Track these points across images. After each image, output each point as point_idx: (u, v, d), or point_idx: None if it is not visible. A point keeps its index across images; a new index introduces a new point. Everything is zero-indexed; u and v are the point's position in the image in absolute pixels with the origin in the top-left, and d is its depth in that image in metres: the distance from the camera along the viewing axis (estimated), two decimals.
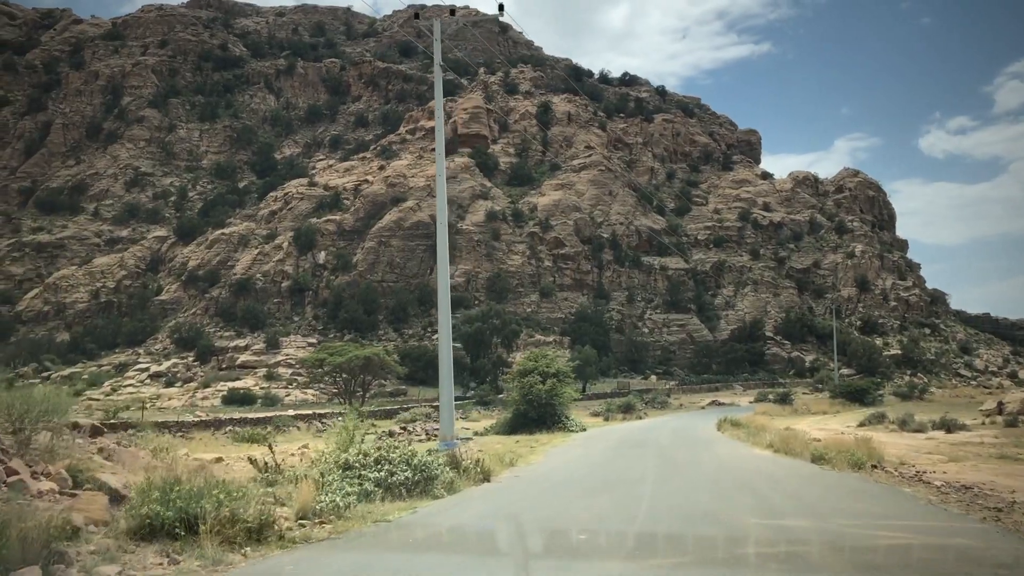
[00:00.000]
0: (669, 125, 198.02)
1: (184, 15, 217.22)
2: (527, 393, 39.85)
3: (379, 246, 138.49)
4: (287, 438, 36.32)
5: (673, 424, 48.26)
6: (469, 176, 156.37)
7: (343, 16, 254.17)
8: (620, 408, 55.13)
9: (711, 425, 44.00)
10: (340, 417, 48.07)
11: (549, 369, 41.06)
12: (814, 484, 19.46)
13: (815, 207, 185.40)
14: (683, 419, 54.68)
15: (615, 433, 38.84)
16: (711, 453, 27.26)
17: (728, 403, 77.32)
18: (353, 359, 57.80)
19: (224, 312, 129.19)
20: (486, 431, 39.35)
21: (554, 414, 40.06)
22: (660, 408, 70.21)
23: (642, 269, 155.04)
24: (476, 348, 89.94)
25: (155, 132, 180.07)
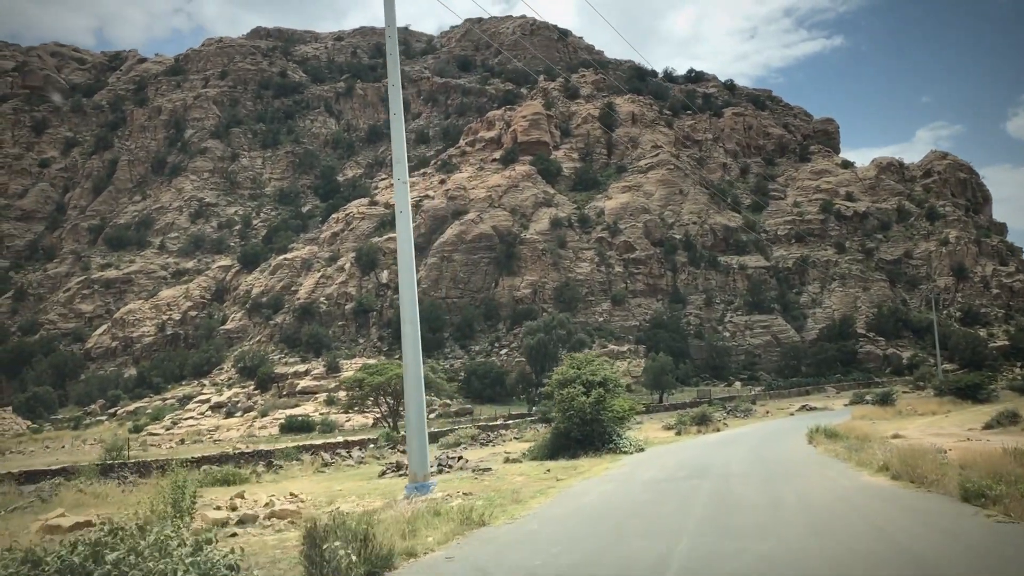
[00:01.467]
0: (740, 119, 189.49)
1: (243, 45, 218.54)
2: (567, 408, 33.89)
3: (442, 261, 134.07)
4: (278, 476, 31.19)
5: (754, 437, 41.43)
6: (531, 184, 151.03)
7: (401, 36, 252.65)
8: (694, 419, 48.55)
9: (800, 436, 37.27)
10: (372, 444, 42.82)
11: (594, 377, 34.91)
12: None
13: (902, 194, 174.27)
14: (767, 429, 47.72)
15: (677, 454, 32.71)
16: (798, 486, 19.45)
17: (820, 407, 69.64)
18: (393, 378, 52.63)
19: (288, 338, 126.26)
20: (524, 456, 33.47)
21: (602, 432, 33.90)
22: (743, 416, 63.18)
23: (719, 270, 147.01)
24: (540, 361, 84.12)
25: (218, 162, 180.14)
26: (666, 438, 44.38)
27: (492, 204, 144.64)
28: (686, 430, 46.72)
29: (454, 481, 23.64)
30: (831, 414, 58.27)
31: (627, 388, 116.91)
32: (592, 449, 32.89)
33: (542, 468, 27.16)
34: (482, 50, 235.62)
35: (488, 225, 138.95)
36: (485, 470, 26.03)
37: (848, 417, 49.34)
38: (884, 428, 37.57)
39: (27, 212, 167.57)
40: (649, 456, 31.77)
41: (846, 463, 24.08)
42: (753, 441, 38.49)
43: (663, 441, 42.08)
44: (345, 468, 32.83)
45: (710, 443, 38.04)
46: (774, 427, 49.90)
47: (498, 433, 49.86)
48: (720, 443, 37.92)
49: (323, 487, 25.85)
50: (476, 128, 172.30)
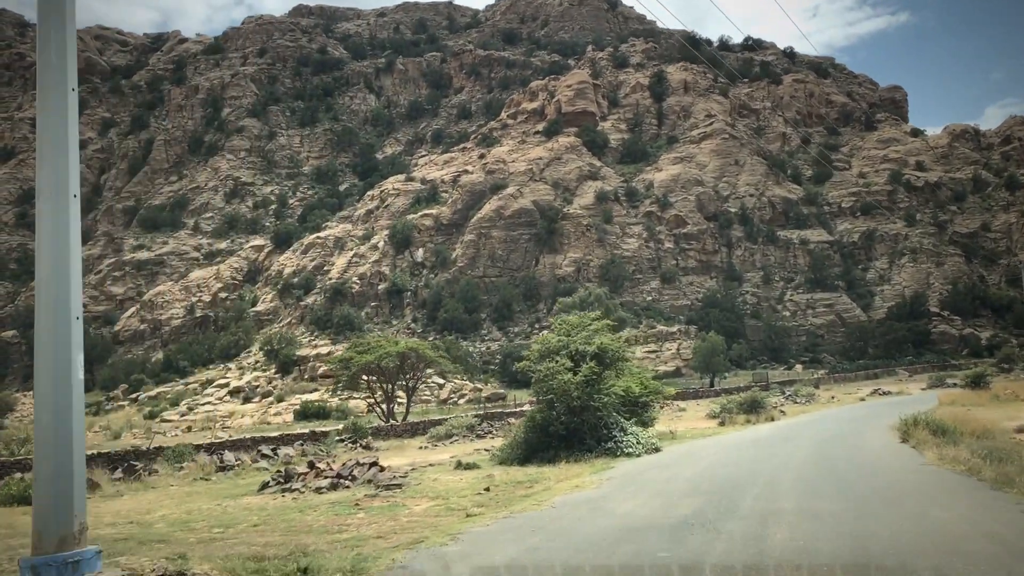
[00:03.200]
0: (801, 86, 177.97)
1: (283, 22, 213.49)
2: (547, 390, 25.93)
3: (479, 239, 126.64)
4: (140, 486, 23.91)
5: (817, 430, 32.82)
6: (576, 156, 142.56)
7: (445, 10, 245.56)
8: (742, 406, 40.21)
9: (883, 429, 28.95)
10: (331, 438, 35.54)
11: (587, 347, 27.00)
12: None
13: (978, 163, 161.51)
14: (834, 419, 39.18)
15: (706, 458, 23.80)
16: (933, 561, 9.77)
17: (895, 392, 60.61)
18: (383, 357, 45.29)
19: (318, 320, 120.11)
20: (493, 457, 25.80)
21: (597, 425, 25.16)
22: (804, 402, 54.59)
23: (778, 245, 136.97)
24: None
25: (255, 141, 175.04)
26: (705, 429, 36.40)
27: (533, 178, 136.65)
28: (732, 419, 38.56)
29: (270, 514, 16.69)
30: (910, 400, 49.44)
31: (676, 372, 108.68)
32: (582, 449, 24.68)
33: (486, 481, 19.35)
34: (528, 22, 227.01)
35: (528, 200, 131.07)
36: (394, 486, 18.45)
37: (935, 403, 40.67)
38: (991, 417, 28.91)
39: None
40: (660, 461, 23.63)
41: (1000, 490, 14.35)
42: (818, 436, 30.07)
43: (700, 434, 34.05)
44: (250, 473, 25.52)
45: (759, 439, 29.64)
46: (843, 415, 41.38)
47: (506, 422, 42.21)
48: (772, 438, 29.51)
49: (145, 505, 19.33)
50: (518, 100, 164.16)
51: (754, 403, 40.56)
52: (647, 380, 32.97)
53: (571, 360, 26.49)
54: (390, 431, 41.04)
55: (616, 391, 26.87)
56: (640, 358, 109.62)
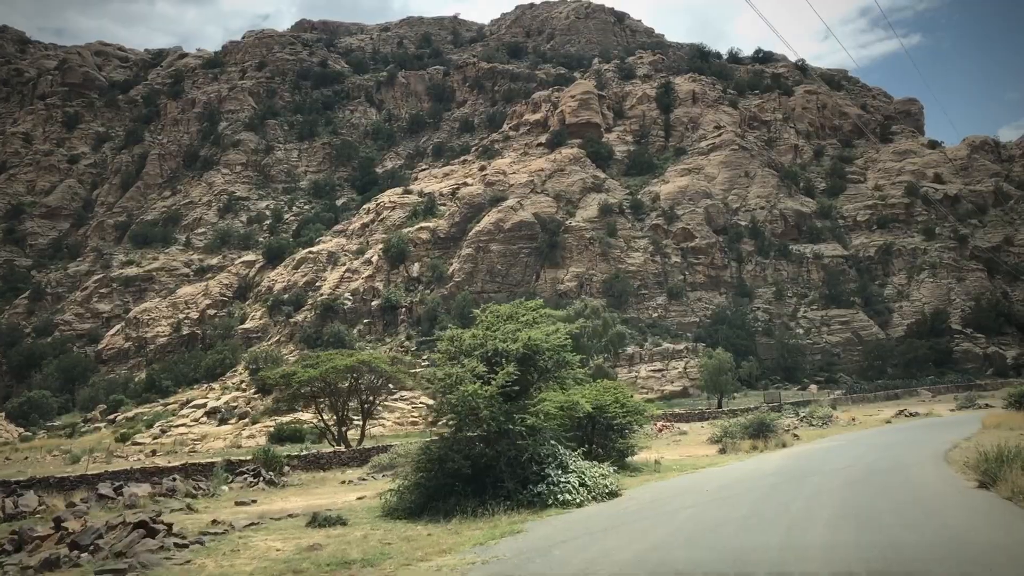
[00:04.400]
0: (813, 97, 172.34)
1: (283, 36, 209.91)
2: (449, 408, 19.28)
3: (477, 252, 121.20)
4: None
5: (843, 461, 26.19)
6: (579, 168, 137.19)
7: (450, 25, 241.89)
8: (747, 430, 34.15)
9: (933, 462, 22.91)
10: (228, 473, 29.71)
11: (510, 346, 20.68)
12: None
13: (999, 175, 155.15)
14: (862, 445, 33.05)
15: (677, 511, 17.04)
16: None
17: (923, 413, 54.48)
18: (330, 371, 39.30)
19: (308, 338, 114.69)
20: (385, 502, 19.25)
21: (518, 460, 18.18)
22: (821, 425, 48.57)
23: (791, 259, 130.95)
24: None
25: (251, 155, 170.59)
26: (701, 458, 30.53)
27: (534, 190, 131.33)
28: (734, 445, 32.62)
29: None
30: (943, 423, 43.51)
31: (683, 392, 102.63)
32: (497, 495, 17.98)
33: (307, 559, 13.49)
34: (534, 36, 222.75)
35: (529, 212, 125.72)
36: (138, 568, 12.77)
37: (977, 426, 34.75)
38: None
39: (52, 209, 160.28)
40: (604, 519, 16.85)
41: None
42: (846, 471, 23.42)
43: (692, 464, 28.11)
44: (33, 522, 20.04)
45: (764, 476, 23.27)
46: (872, 441, 35.34)
47: None
48: (782, 475, 23.26)
49: None
50: (521, 111, 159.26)
51: (761, 426, 34.53)
52: (624, 397, 27.24)
53: (488, 364, 20.29)
54: (333, 459, 35.34)
55: (549, 408, 19.92)
56: (645, 377, 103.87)
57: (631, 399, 27.75)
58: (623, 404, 26.26)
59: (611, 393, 26.91)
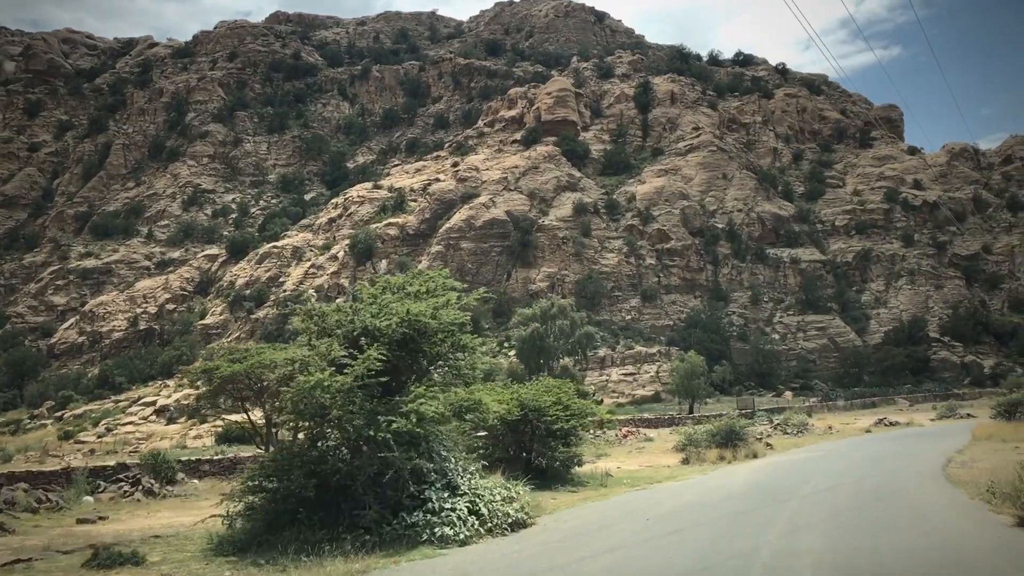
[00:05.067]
0: (793, 101, 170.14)
1: (256, 27, 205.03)
2: (292, 407, 15.07)
3: (447, 250, 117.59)
4: None
5: (823, 477, 22.16)
6: (554, 166, 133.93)
7: (427, 21, 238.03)
8: (714, 438, 30.72)
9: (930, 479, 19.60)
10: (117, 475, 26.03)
11: (383, 323, 15.55)
12: None
13: (978, 182, 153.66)
14: (841, 457, 29.62)
15: (596, 554, 12.81)
16: None
17: (903, 422, 51.54)
18: (257, 365, 35.53)
19: (269, 335, 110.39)
20: (225, 529, 15.02)
21: (382, 478, 13.96)
22: (796, 434, 45.42)
23: (768, 263, 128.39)
24: (536, 358, 66.83)
25: (219, 147, 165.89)
26: (660, 470, 27.06)
27: (508, 187, 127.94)
28: (700, 455, 29.21)
29: None
30: (927, 433, 40.49)
31: (655, 397, 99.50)
32: (354, 527, 13.84)
33: None
34: (512, 33, 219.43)
35: (502, 210, 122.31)
36: None
37: (966, 437, 31.68)
38: None
39: (9, 198, 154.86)
40: (482, 567, 12.48)
41: None
42: (829, 492, 19.58)
43: (648, 478, 24.61)
44: None
45: (727, 497, 19.43)
46: (852, 452, 32.01)
47: None
48: (750, 495, 19.66)
49: None
50: (496, 107, 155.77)
51: (730, 434, 31.12)
52: (568, 397, 23.75)
53: (355, 347, 15.96)
54: (190, 468, 31.56)
55: (427, 410, 14.80)
56: (616, 381, 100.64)
57: (577, 400, 24.25)
58: (566, 406, 22.80)
59: (552, 393, 23.44)
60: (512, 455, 22.79)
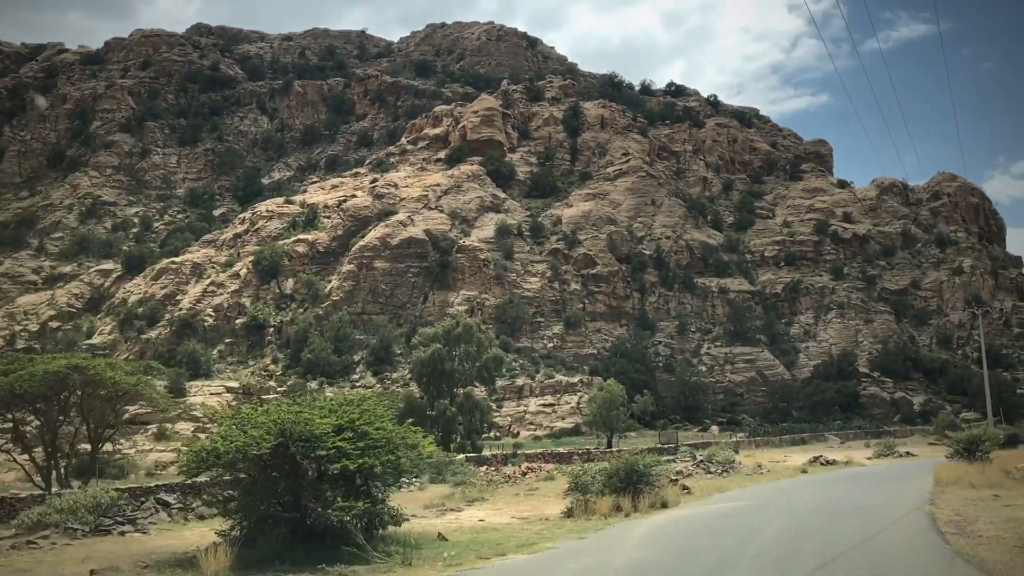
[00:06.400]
0: (724, 131, 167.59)
1: (172, 36, 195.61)
2: None
3: (360, 269, 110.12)
4: None
5: (759, 561, 15.30)
6: (478, 185, 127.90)
7: (357, 39, 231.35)
8: (611, 480, 23.39)
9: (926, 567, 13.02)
10: None
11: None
12: None
13: (907, 217, 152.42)
14: (780, 511, 22.09)
15: None
16: None
17: (841, 460, 45.86)
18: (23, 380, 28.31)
19: (160, 356, 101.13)
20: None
21: None
22: (721, 473, 39.34)
23: (696, 293, 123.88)
24: (437, 383, 59.82)
25: (125, 158, 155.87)
26: (535, 523, 20.34)
27: (428, 205, 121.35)
28: (588, 505, 22.25)
29: None
30: (871, 475, 34.69)
31: (575, 430, 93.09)
32: None
33: None
34: (443, 55, 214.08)
35: (420, 228, 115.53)
36: None
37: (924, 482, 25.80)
38: None
39: None
40: None
41: None
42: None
43: (492, 545, 17.16)
44: None
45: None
46: (793, 503, 24.72)
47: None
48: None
49: None
50: (420, 125, 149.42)
51: (631, 475, 24.16)
52: (373, 419, 16.90)
53: None
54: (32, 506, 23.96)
55: None
56: (534, 412, 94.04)
57: (387, 426, 17.19)
58: (361, 434, 15.84)
59: (341, 413, 16.44)
60: (273, 510, 15.81)
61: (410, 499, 26.90)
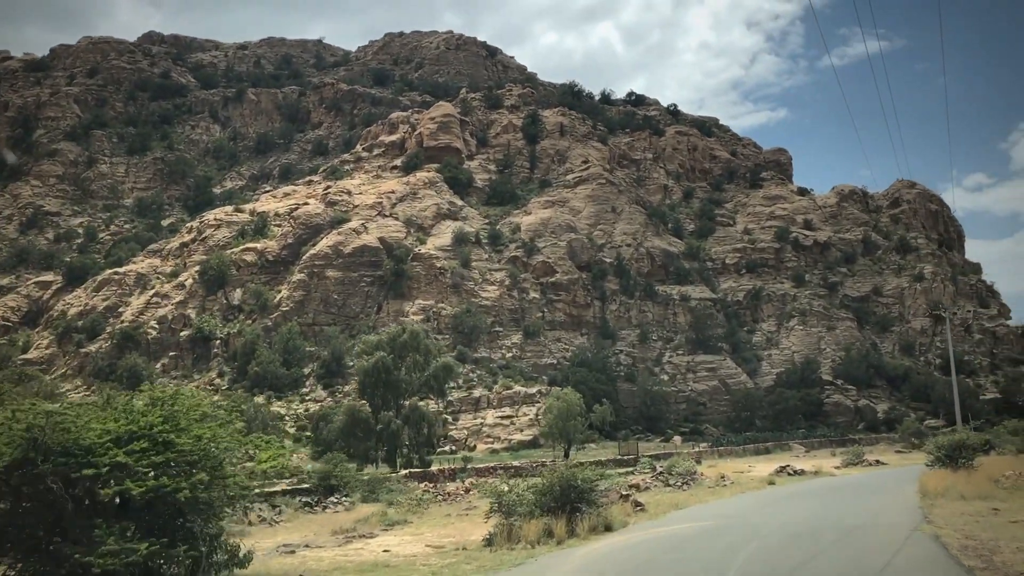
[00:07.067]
0: (684, 139, 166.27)
1: (122, 43, 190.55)
2: None
3: (311, 279, 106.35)
4: None
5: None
6: (434, 193, 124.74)
7: (313, 48, 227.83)
8: (543, 498, 19.62)
9: None
10: None
11: None
12: None
13: (867, 224, 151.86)
14: (749, 535, 18.24)
15: None
16: None
17: (810, 470, 43.30)
18: None
19: (101, 371, 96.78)
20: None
21: None
22: (681, 486, 36.53)
23: (657, 301, 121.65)
24: (382, 393, 56.44)
25: (70, 168, 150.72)
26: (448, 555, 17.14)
27: (382, 212, 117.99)
28: (513, 530, 18.72)
29: None
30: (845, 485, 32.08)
31: (533, 442, 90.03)
32: None
33: None
34: (402, 64, 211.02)
35: (374, 236, 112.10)
36: None
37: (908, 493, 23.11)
38: None
39: None
40: None
41: None
42: None
43: None
44: None
45: None
46: (764, 523, 21.19)
47: None
48: None
49: None
50: (376, 132, 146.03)
51: (567, 492, 20.48)
52: (175, 423, 12.82)
53: None
54: None
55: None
56: (492, 424, 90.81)
57: (205, 429, 13.18)
58: (168, 445, 11.93)
59: (144, 414, 12.66)
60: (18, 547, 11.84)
61: (326, 522, 23.74)
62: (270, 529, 24.58)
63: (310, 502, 32.90)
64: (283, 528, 24.90)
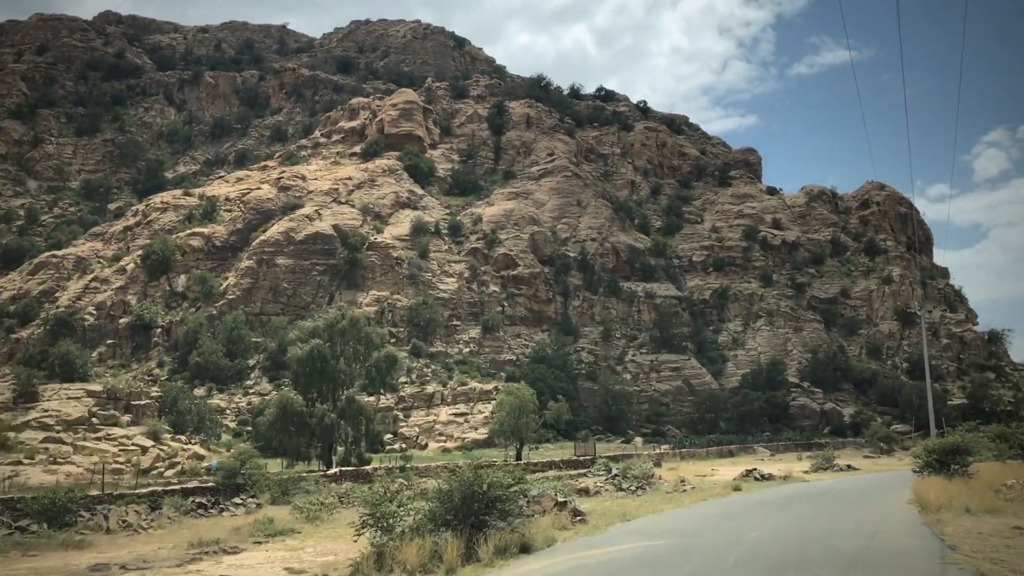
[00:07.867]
0: (653, 135, 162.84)
1: (74, 21, 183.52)
2: None
3: (260, 266, 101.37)
4: None
5: None
6: (394, 180, 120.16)
7: (277, 34, 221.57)
8: (447, 513, 14.83)
9: None
10: None
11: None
12: None
13: (836, 225, 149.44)
14: (713, 566, 14.13)
15: None
16: None
17: (778, 475, 39.65)
18: None
19: (32, 359, 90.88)
20: None
21: None
22: (635, 490, 32.64)
23: (622, 297, 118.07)
24: (317, 384, 51.90)
25: (13, 147, 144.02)
26: None
27: (338, 199, 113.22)
28: (392, 555, 14.13)
29: None
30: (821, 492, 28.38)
31: (488, 441, 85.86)
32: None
33: None
34: (367, 52, 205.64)
35: (328, 223, 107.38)
36: None
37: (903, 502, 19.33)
38: None
39: None
40: None
41: None
42: None
43: None
44: None
45: None
46: (728, 551, 17.20)
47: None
48: None
49: None
50: (336, 118, 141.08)
51: (470, 501, 15.72)
52: None
53: None
54: None
55: None
56: (445, 422, 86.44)
57: None
58: None
59: None
60: None
61: (203, 529, 19.40)
62: (126, 538, 20.33)
63: (205, 503, 28.57)
64: (145, 537, 20.66)
